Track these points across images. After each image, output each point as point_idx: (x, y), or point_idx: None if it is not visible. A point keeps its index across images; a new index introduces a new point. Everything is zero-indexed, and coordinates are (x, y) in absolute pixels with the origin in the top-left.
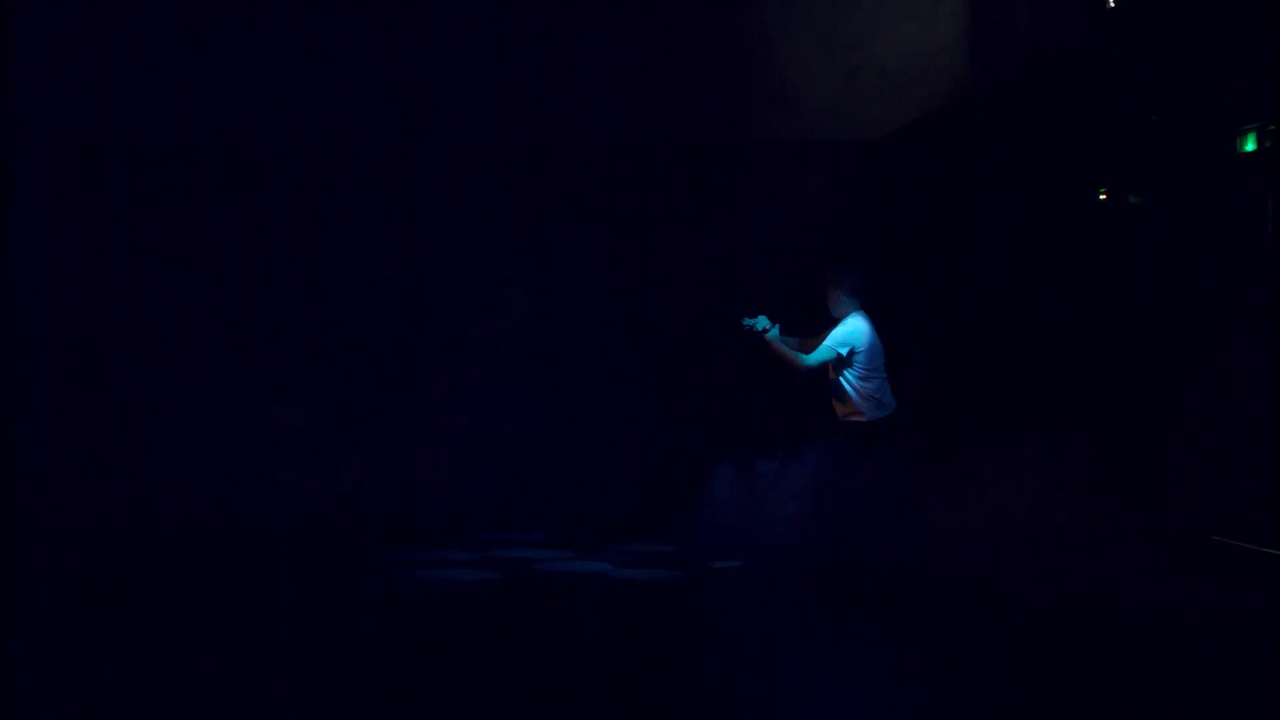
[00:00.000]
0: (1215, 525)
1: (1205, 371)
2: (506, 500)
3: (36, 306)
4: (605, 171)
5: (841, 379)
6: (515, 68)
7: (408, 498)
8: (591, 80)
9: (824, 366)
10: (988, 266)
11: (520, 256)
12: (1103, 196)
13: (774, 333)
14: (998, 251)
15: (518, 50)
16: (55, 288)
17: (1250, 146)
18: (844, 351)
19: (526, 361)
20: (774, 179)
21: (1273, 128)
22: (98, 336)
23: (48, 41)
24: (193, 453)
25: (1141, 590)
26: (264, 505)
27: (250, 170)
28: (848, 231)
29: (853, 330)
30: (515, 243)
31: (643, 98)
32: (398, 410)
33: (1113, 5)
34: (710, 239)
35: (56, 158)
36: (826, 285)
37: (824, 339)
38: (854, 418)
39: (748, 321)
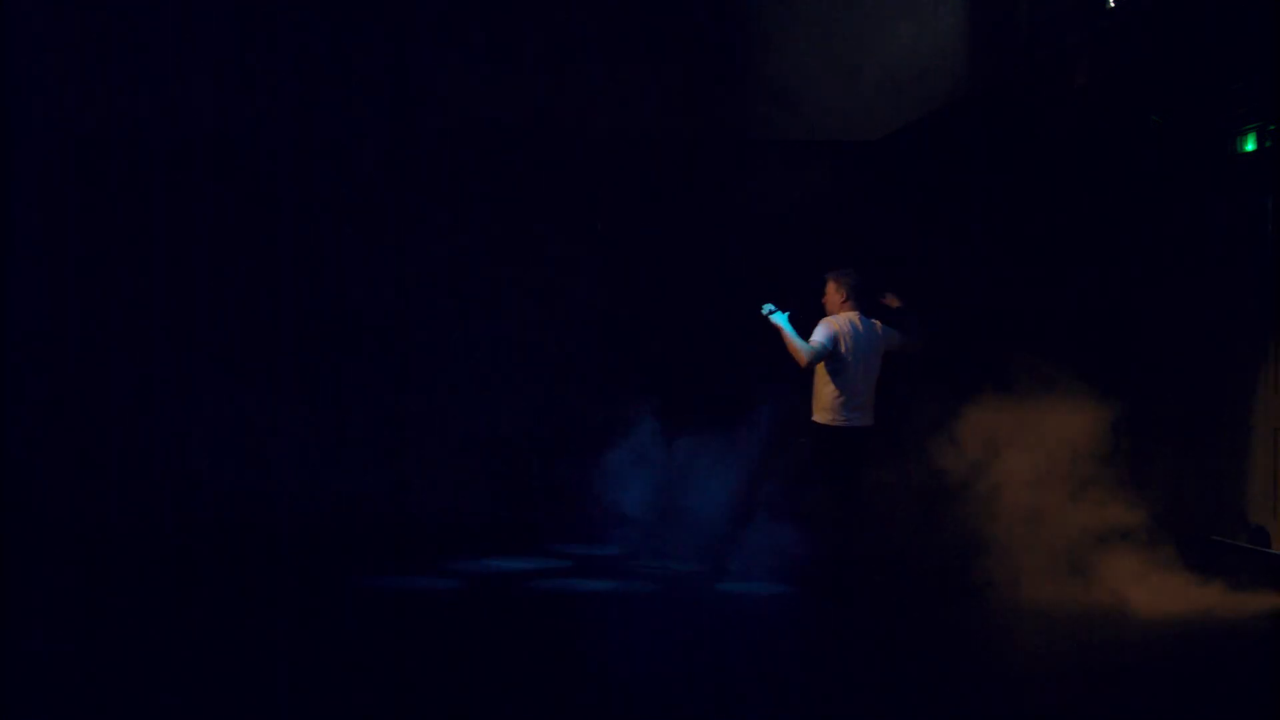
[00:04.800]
0: (1215, 525)
1: (1205, 370)
2: (506, 500)
3: (34, 306)
4: (605, 171)
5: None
6: (515, 67)
7: (406, 497)
8: (591, 79)
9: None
10: (987, 267)
11: (519, 256)
12: (1102, 197)
13: (781, 317)
14: (997, 251)
15: (517, 49)
16: (53, 288)
17: (1250, 146)
18: (830, 346)
19: (526, 361)
20: (774, 179)
21: (1273, 128)
22: (96, 336)
23: (44, 43)
24: (191, 453)
25: (1141, 589)
26: (262, 506)
27: (248, 169)
28: (848, 231)
29: (827, 327)
30: (514, 242)
31: (643, 97)
32: (396, 410)
33: (1113, 5)
34: (710, 239)
35: (54, 158)
36: (834, 284)
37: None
38: (821, 419)
39: (767, 307)
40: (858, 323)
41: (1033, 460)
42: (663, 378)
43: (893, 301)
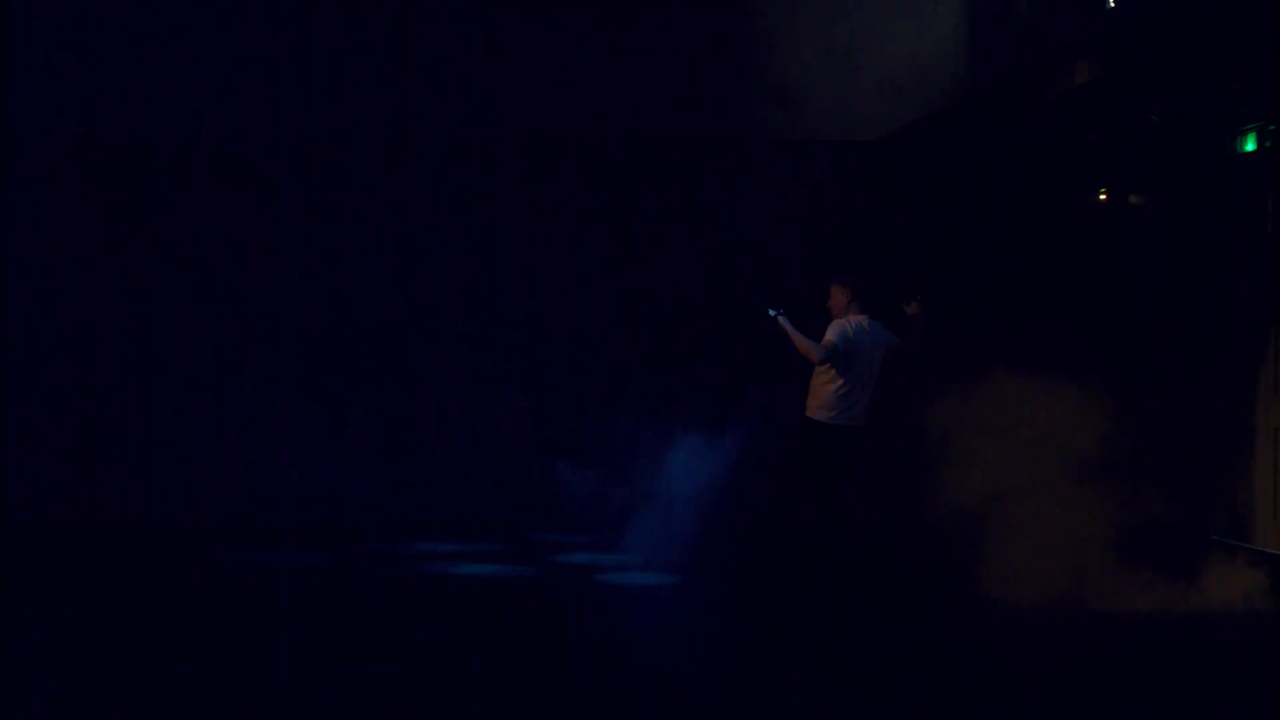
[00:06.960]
0: (1215, 525)
1: (1205, 371)
2: (505, 499)
3: (34, 306)
4: (605, 171)
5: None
6: (515, 67)
7: (405, 497)
8: (591, 79)
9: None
10: (987, 267)
11: (519, 255)
12: (1102, 196)
13: (786, 320)
14: (997, 252)
15: (518, 49)
16: (53, 287)
17: (1250, 146)
18: (842, 346)
19: (525, 361)
20: (774, 179)
21: (1273, 128)
22: (95, 336)
23: (44, 43)
24: (190, 452)
25: (1141, 589)
26: (261, 505)
27: (248, 169)
28: (848, 231)
29: (839, 328)
30: (514, 241)
31: (643, 97)
32: (396, 409)
33: (1113, 5)
34: (710, 239)
35: (55, 159)
36: (838, 288)
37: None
38: (816, 416)
39: (772, 311)
40: (865, 324)
41: (1031, 458)
42: (662, 377)
43: (913, 309)
